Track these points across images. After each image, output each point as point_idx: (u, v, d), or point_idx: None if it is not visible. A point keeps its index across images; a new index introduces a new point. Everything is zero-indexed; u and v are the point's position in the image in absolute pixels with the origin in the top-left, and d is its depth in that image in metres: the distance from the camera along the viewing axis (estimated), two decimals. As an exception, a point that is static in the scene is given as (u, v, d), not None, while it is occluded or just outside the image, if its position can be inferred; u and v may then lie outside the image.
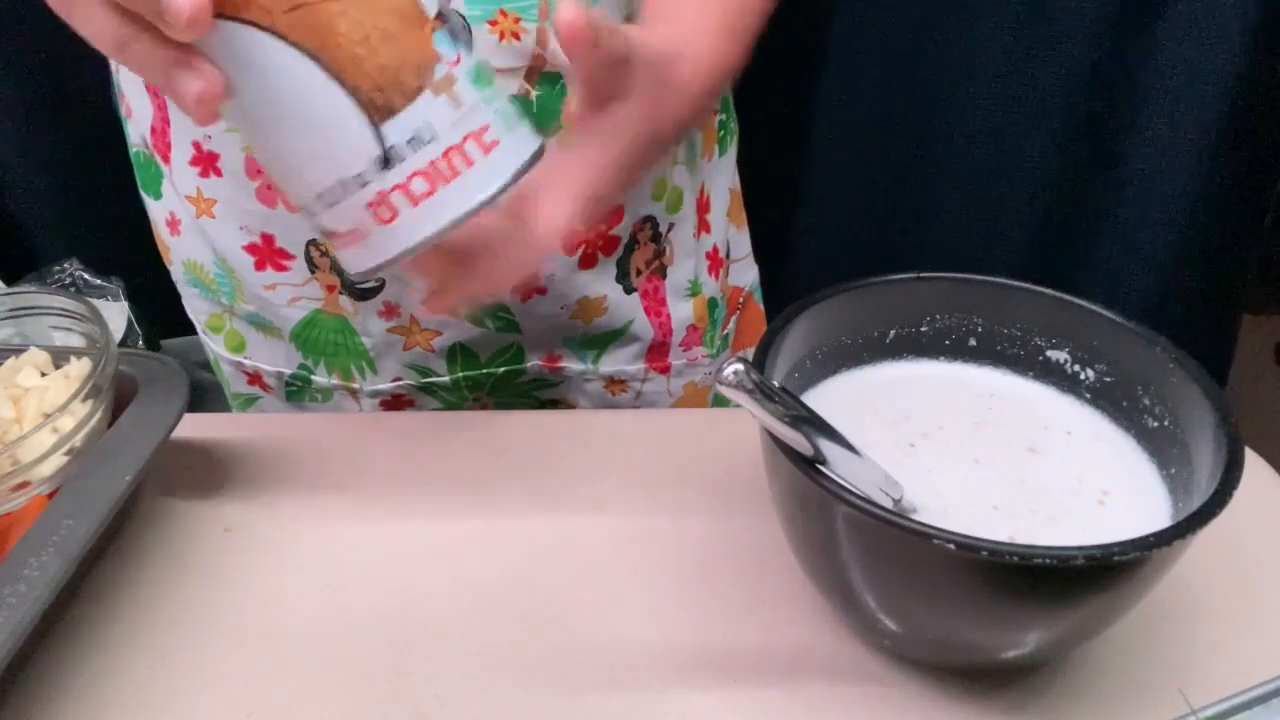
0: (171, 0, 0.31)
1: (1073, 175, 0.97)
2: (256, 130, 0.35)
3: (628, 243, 0.63)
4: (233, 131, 0.58)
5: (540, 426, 0.55)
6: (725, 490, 0.49)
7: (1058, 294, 0.43)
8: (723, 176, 0.72)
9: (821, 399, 0.44)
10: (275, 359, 0.68)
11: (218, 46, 0.33)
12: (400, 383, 0.66)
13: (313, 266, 0.61)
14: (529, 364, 0.64)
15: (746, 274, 0.75)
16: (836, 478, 0.35)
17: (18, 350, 0.48)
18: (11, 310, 0.51)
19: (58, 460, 0.43)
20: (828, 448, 0.35)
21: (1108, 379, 0.43)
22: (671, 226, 0.65)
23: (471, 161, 0.36)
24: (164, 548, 0.48)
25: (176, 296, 0.71)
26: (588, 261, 0.62)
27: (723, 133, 0.72)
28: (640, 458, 0.52)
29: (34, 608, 0.36)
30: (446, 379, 0.65)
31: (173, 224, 0.66)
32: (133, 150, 0.67)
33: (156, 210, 0.67)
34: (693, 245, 0.67)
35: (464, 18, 0.36)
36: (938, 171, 1.01)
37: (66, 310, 0.50)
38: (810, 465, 0.35)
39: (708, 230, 0.70)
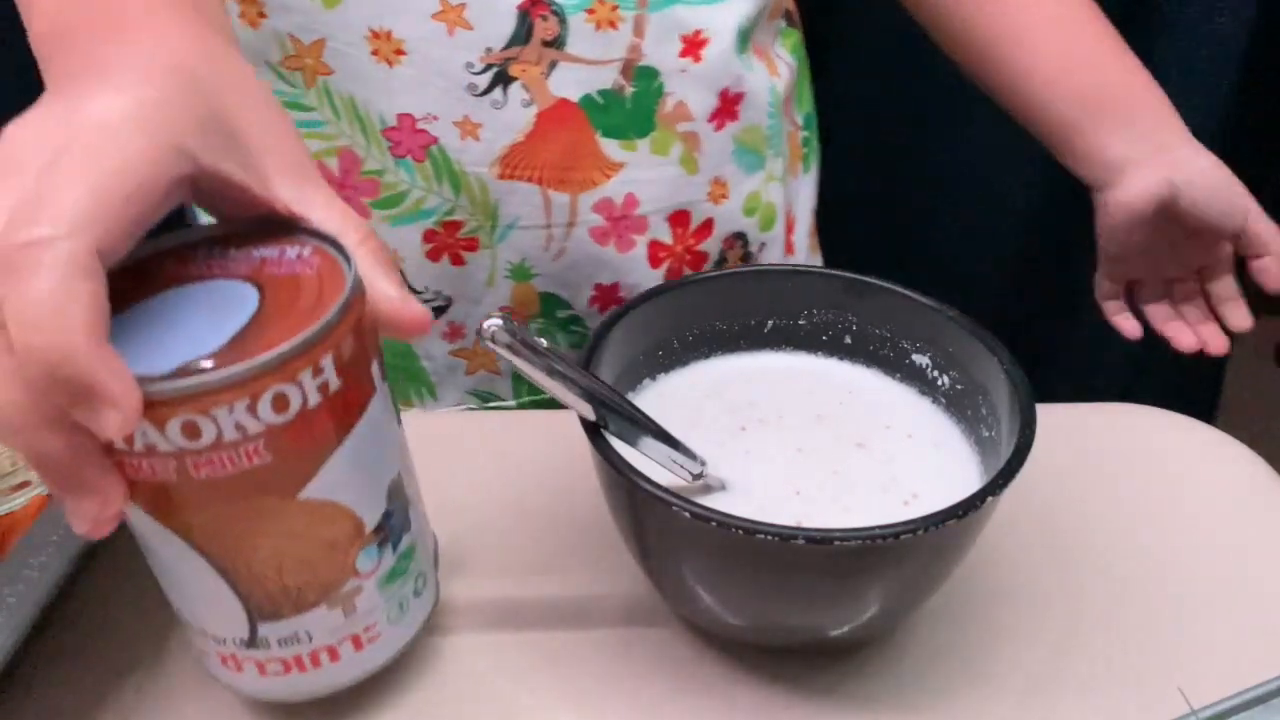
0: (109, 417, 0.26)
1: (1072, 174, 0.97)
2: (139, 545, 0.33)
3: (716, 260, 0.62)
4: (303, 139, 0.57)
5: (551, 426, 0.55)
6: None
7: (920, 298, 0.45)
8: (806, 195, 0.70)
9: (678, 380, 0.47)
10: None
11: None
12: (461, 408, 0.64)
13: None
14: None
15: None
16: (617, 442, 0.37)
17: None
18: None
19: (58, 460, 0.43)
20: (612, 416, 0.37)
21: (959, 386, 0.43)
22: (763, 246, 0.64)
23: (338, 658, 0.36)
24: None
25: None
26: (673, 276, 0.61)
27: (806, 149, 0.70)
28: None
29: (34, 608, 0.36)
30: (512, 402, 0.64)
31: None
32: None
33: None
34: None
35: (408, 514, 0.36)
36: (937, 170, 1.01)
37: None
38: (591, 427, 0.37)
39: (791, 252, 0.68)
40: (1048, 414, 0.38)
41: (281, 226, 0.33)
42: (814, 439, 0.43)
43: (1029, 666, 0.42)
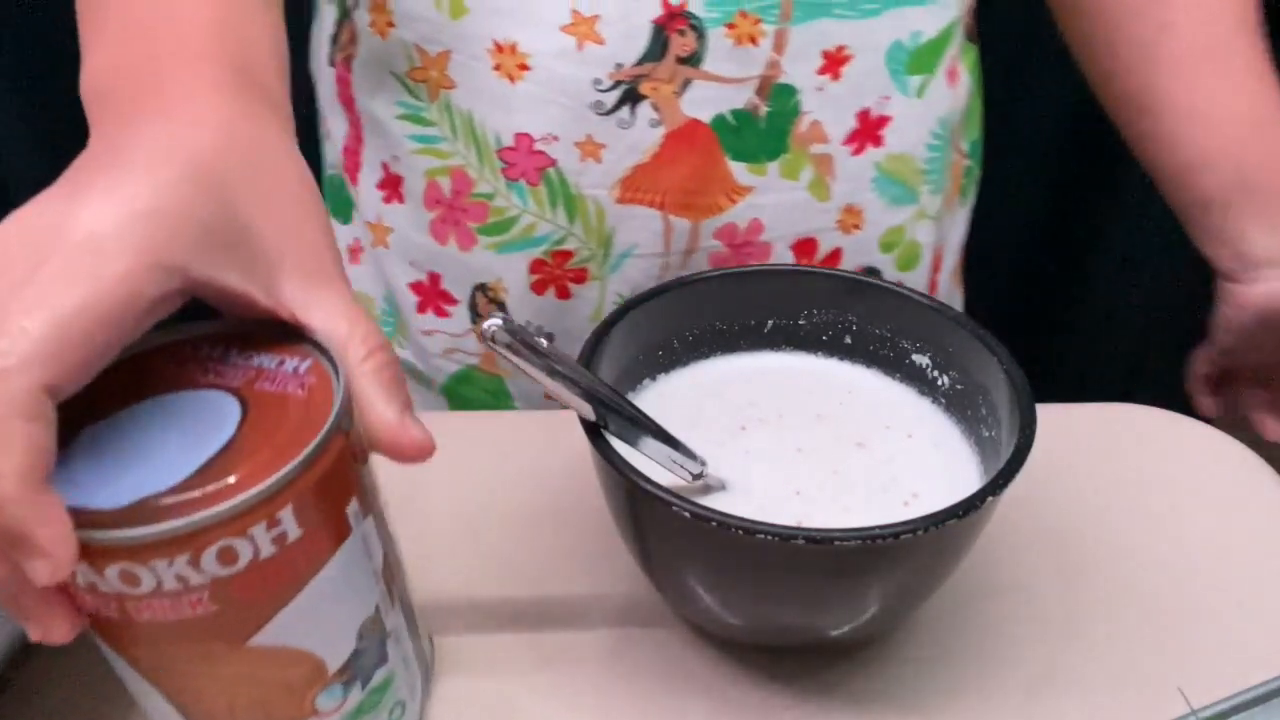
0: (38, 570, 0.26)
1: (1073, 176, 0.97)
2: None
3: None
4: (420, 154, 0.56)
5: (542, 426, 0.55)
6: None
7: (920, 298, 0.45)
8: (960, 229, 0.66)
9: (678, 380, 0.46)
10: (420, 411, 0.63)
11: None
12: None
13: (475, 315, 0.59)
14: None
15: None
16: (617, 442, 0.37)
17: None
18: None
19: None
20: (612, 416, 0.37)
21: (959, 386, 0.44)
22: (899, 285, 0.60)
23: None
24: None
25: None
26: None
27: (966, 180, 0.64)
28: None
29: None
30: None
31: (354, 251, 0.64)
32: (328, 173, 0.64)
33: (341, 235, 0.64)
34: None
35: (384, 648, 0.34)
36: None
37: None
38: (591, 427, 0.37)
39: (934, 292, 0.63)
40: (1048, 414, 0.38)
41: (289, 332, 0.32)
42: (814, 439, 0.43)
43: (1029, 666, 0.42)
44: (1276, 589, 0.45)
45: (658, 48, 0.50)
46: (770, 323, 0.47)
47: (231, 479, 0.28)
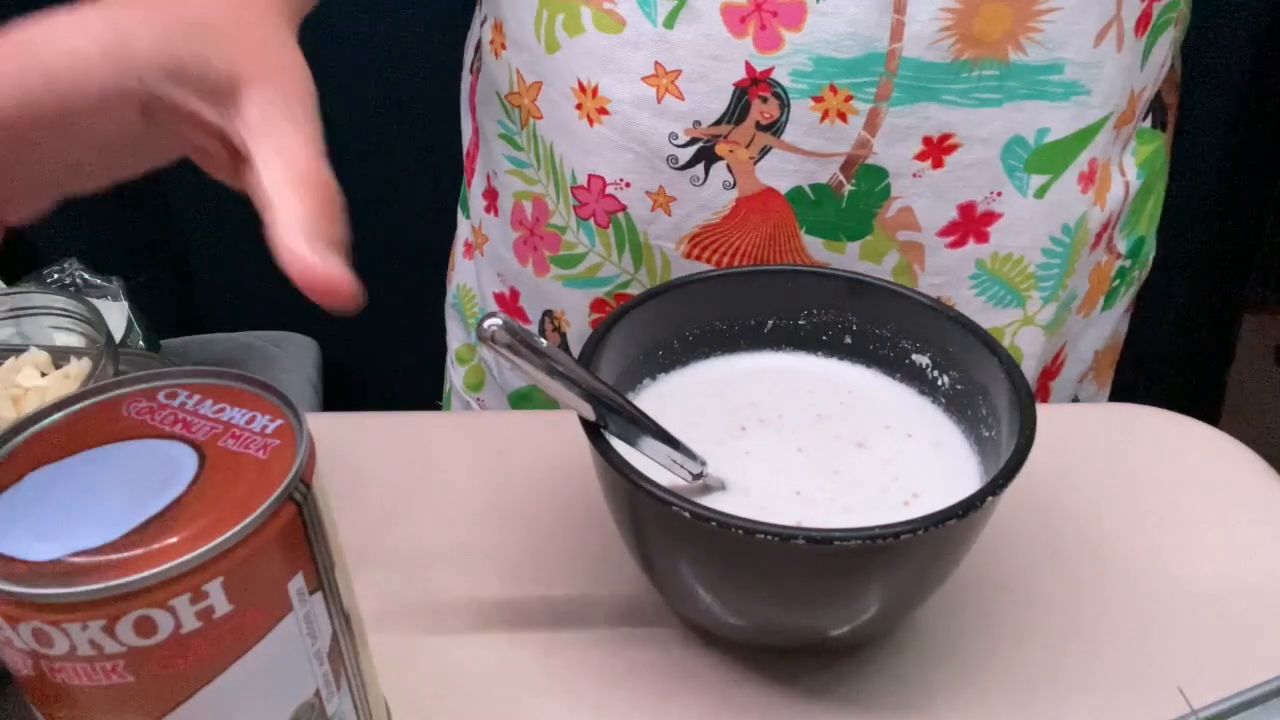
0: None
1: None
2: None
3: None
4: (512, 175, 0.57)
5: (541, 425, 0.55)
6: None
7: (920, 297, 0.45)
8: (1098, 333, 0.62)
9: (677, 380, 0.46)
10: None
11: None
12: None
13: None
14: None
15: None
16: (617, 442, 0.37)
17: (18, 350, 0.48)
18: (11, 310, 0.51)
19: (57, 461, 0.43)
20: (612, 416, 0.37)
21: (959, 386, 0.44)
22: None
23: None
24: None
25: (176, 296, 0.71)
26: None
27: (1118, 282, 0.61)
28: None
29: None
30: None
31: (469, 247, 0.66)
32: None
33: (463, 228, 0.67)
34: None
35: (322, 711, 0.31)
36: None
37: (66, 310, 0.50)
38: (591, 427, 0.37)
39: (1045, 399, 0.60)
40: (1048, 414, 0.38)
41: (269, 389, 0.31)
42: (814, 439, 0.43)
43: (1029, 666, 0.42)
44: (1276, 589, 0.45)
45: (738, 110, 0.49)
46: (770, 323, 0.47)
47: (166, 542, 0.26)
